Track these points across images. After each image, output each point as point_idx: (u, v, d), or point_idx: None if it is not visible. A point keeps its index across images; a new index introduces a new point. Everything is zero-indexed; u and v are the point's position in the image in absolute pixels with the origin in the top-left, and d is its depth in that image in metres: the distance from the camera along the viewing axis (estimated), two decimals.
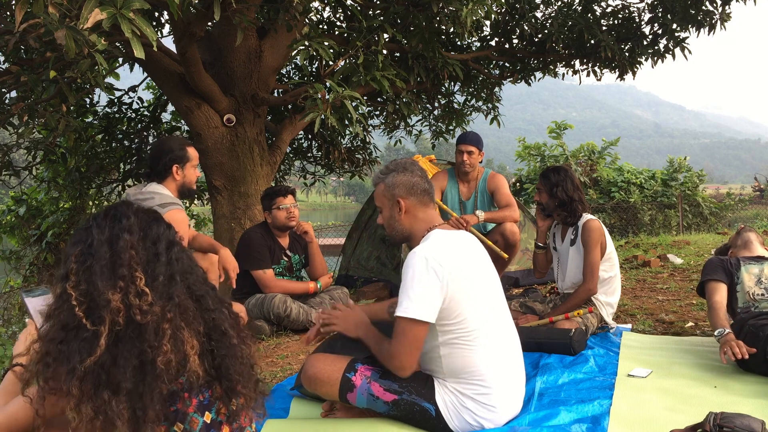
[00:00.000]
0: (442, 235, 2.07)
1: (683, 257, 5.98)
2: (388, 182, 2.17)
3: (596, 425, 2.06)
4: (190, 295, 1.39)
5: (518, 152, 14.60)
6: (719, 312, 2.71)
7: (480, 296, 2.03)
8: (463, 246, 2.08)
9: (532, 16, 6.69)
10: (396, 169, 2.18)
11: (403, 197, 2.14)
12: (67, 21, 2.55)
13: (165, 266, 1.37)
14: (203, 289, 1.43)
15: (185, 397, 1.33)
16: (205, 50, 5.62)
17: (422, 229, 2.14)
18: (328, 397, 2.18)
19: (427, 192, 2.18)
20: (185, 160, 3.11)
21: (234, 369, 1.39)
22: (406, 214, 2.15)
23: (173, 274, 1.37)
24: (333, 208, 71.14)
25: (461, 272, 1.98)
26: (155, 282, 1.34)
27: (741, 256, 2.99)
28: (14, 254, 8.57)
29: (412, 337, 1.91)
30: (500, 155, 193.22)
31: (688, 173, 13.87)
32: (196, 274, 1.44)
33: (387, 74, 4.58)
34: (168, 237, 1.43)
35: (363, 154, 8.21)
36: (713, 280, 2.86)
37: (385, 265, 5.24)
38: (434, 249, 1.98)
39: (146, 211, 1.45)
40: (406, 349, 1.92)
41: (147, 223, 1.42)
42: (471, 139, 4.18)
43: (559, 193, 3.33)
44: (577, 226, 3.35)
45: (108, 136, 7.15)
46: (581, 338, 2.98)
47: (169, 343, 1.30)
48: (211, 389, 1.38)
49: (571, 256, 3.38)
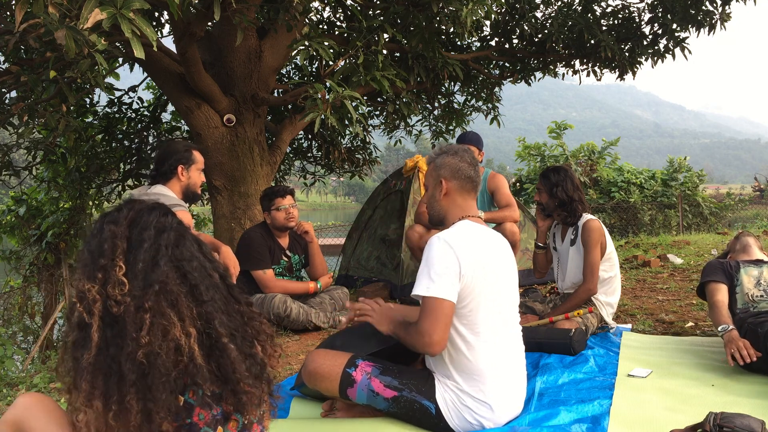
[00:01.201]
0: (470, 226, 2.09)
1: (683, 257, 5.98)
2: (437, 162, 2.21)
3: (596, 425, 2.06)
4: (182, 282, 1.33)
5: (518, 152, 14.61)
6: (722, 310, 2.72)
7: (492, 292, 2.03)
8: (488, 241, 2.10)
9: (532, 16, 6.70)
10: (448, 151, 2.22)
11: (446, 179, 2.18)
12: (67, 21, 2.55)
13: (148, 252, 1.31)
14: (200, 278, 1.35)
15: (197, 412, 1.30)
16: (205, 50, 5.62)
17: (456, 215, 2.17)
18: (328, 393, 2.18)
19: (471, 180, 2.20)
20: (191, 162, 3.12)
21: (236, 366, 1.33)
22: (445, 196, 2.18)
23: (157, 259, 1.31)
24: (333, 208, 71.15)
25: (478, 264, 1.99)
26: (135, 269, 1.29)
27: (740, 260, 3.01)
28: (14, 254, 8.58)
29: (440, 314, 1.92)
30: (500, 155, 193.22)
31: (688, 173, 13.88)
32: (198, 262, 1.38)
33: (387, 74, 4.58)
34: (160, 223, 1.37)
35: (363, 154, 8.21)
36: (713, 281, 2.88)
37: (385, 265, 5.24)
38: (456, 236, 2.01)
39: (146, 203, 1.41)
40: (435, 324, 1.92)
41: (139, 213, 1.37)
42: (469, 138, 4.20)
43: (559, 193, 3.33)
44: (577, 226, 3.35)
45: (108, 136, 7.15)
46: (581, 338, 2.98)
47: (149, 334, 1.25)
48: (224, 401, 1.33)
49: (571, 256, 3.38)
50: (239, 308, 1.42)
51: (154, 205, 1.41)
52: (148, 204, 1.41)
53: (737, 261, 2.97)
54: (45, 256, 8.10)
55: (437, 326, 1.92)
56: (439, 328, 1.92)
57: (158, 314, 1.27)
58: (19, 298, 8.36)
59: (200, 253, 1.41)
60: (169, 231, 1.37)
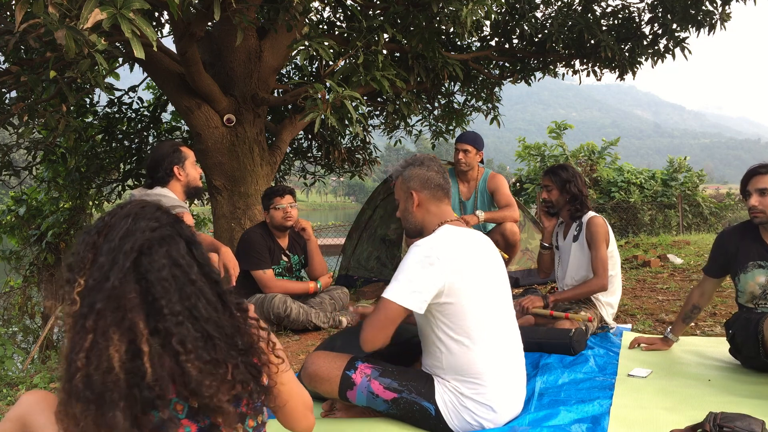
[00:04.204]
0: (451, 230, 2.09)
1: (683, 257, 5.98)
2: (405, 175, 2.21)
3: (596, 425, 2.06)
4: (143, 295, 1.20)
5: (518, 152, 14.62)
6: (685, 306, 2.90)
7: (481, 294, 2.03)
8: (471, 243, 2.09)
9: (532, 16, 6.70)
10: (413, 162, 2.22)
11: (417, 190, 2.17)
12: (67, 21, 2.55)
13: (103, 265, 1.20)
14: (170, 289, 1.22)
15: (185, 424, 1.24)
16: (205, 50, 5.62)
17: (434, 223, 2.16)
18: (328, 395, 2.18)
19: (441, 187, 2.20)
20: (183, 160, 3.12)
21: (200, 385, 1.20)
22: (418, 207, 2.18)
23: (108, 274, 1.19)
24: (333, 208, 71.16)
25: (462, 268, 1.98)
26: (89, 284, 1.20)
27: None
28: (14, 254, 8.57)
29: (384, 316, 1.94)
30: (500, 155, 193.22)
31: (688, 173, 13.89)
32: (178, 270, 1.24)
33: (387, 74, 4.58)
34: (128, 230, 1.24)
35: (363, 154, 8.21)
36: (706, 274, 2.91)
37: (385, 265, 5.24)
38: (436, 242, 2.00)
39: (131, 207, 1.29)
40: (376, 324, 1.95)
41: (114, 219, 1.26)
42: (468, 138, 4.20)
43: (572, 188, 3.36)
44: (581, 222, 3.37)
45: (108, 136, 7.15)
46: (581, 338, 2.98)
47: (87, 356, 1.15)
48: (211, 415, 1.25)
49: (573, 252, 3.38)
50: (231, 320, 1.30)
51: (137, 210, 1.29)
52: (130, 209, 1.29)
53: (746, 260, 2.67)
54: (45, 256, 8.09)
55: (374, 325, 1.96)
56: (374, 327, 1.95)
57: (100, 335, 1.16)
58: (19, 298, 8.36)
59: (186, 258, 1.27)
60: (135, 235, 1.23)
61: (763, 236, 2.62)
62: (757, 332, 2.44)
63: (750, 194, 2.58)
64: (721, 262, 2.77)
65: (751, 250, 2.62)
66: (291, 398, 1.46)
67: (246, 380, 1.28)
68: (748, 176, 2.61)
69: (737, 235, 2.70)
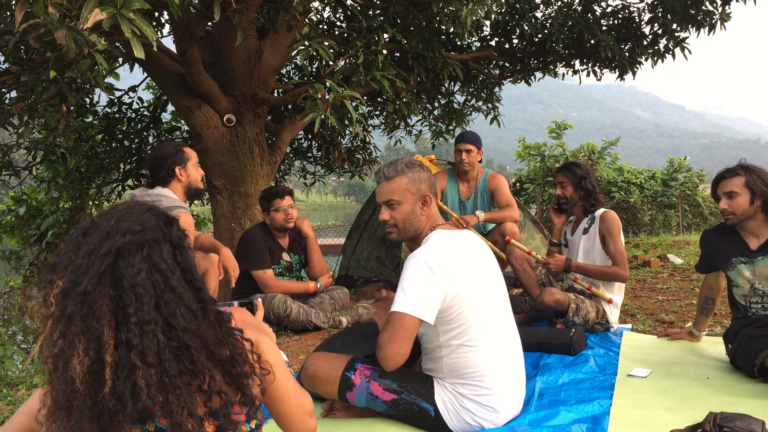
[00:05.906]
0: (444, 235, 2.07)
1: (683, 257, 5.98)
2: (414, 177, 2.14)
3: (596, 425, 2.06)
4: (116, 303, 1.15)
5: (518, 152, 14.60)
6: None
7: (481, 296, 2.02)
8: (465, 246, 2.08)
9: (532, 16, 6.70)
10: (411, 165, 2.18)
11: (428, 193, 2.15)
12: (67, 21, 2.55)
13: (78, 269, 1.16)
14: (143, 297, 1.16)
15: None
16: (205, 50, 5.62)
17: (428, 225, 2.15)
18: (328, 396, 2.18)
19: (436, 187, 2.22)
20: (185, 160, 3.12)
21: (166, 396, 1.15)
22: (425, 210, 2.15)
23: (80, 279, 1.14)
24: (333, 208, 71.17)
25: (462, 273, 1.98)
26: (64, 288, 1.16)
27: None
28: (14, 254, 8.57)
29: (401, 329, 1.88)
30: (500, 155, 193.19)
31: (688, 173, 13.88)
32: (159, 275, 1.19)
33: (387, 74, 4.58)
34: (106, 232, 1.19)
35: (363, 154, 8.21)
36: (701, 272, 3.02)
37: (385, 265, 5.24)
38: (434, 250, 1.98)
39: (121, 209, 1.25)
40: (395, 339, 1.88)
41: (105, 220, 1.22)
42: (469, 138, 4.19)
43: (587, 184, 3.43)
44: (594, 216, 3.40)
45: (108, 136, 7.15)
46: (581, 338, 2.98)
47: (54, 363, 1.13)
48: None
49: (582, 244, 3.39)
50: (212, 329, 1.23)
51: (124, 212, 1.24)
52: (118, 210, 1.25)
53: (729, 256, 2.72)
54: (45, 256, 8.08)
55: (393, 341, 1.88)
56: (395, 343, 1.88)
57: (67, 343, 1.12)
58: (19, 298, 8.36)
59: (169, 262, 1.22)
60: (113, 238, 1.18)
61: (741, 234, 2.70)
62: (753, 364, 2.44)
63: (719, 198, 2.70)
64: (707, 260, 2.88)
65: (733, 247, 2.70)
66: (284, 404, 1.40)
67: (224, 391, 1.22)
68: (717, 181, 2.74)
69: (718, 234, 2.80)
